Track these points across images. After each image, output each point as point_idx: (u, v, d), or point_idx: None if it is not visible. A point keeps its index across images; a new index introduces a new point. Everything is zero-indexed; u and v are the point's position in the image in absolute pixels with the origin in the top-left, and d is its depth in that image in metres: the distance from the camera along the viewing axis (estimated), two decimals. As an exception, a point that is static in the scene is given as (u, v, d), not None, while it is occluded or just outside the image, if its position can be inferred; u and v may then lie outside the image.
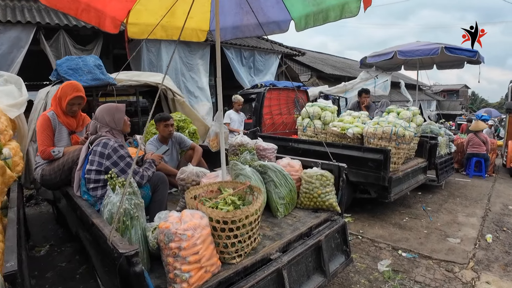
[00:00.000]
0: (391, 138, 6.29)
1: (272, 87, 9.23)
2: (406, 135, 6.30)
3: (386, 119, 6.51)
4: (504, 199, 8.61)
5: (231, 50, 14.10)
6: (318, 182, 4.39)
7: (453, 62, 10.46)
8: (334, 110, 7.69)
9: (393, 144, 6.32)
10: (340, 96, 11.38)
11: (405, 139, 6.30)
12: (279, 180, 4.39)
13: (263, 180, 4.43)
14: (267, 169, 4.44)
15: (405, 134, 6.28)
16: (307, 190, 4.47)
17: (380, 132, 6.35)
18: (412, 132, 6.46)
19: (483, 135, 10.99)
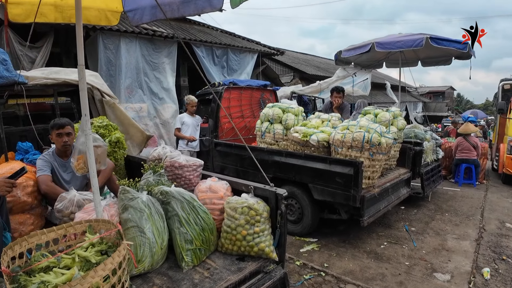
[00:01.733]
0: (363, 147, 4.76)
1: (231, 86, 7.68)
2: (383, 143, 4.77)
3: (357, 123, 4.97)
4: (499, 214, 7.13)
5: (201, 48, 12.57)
6: (243, 218, 2.90)
7: (439, 58, 8.96)
8: (299, 112, 6.16)
9: (366, 155, 4.79)
10: (316, 96, 9.87)
11: (381, 148, 4.77)
12: (186, 214, 2.90)
13: (165, 215, 2.91)
14: (171, 197, 2.95)
15: (381, 142, 4.75)
16: (228, 229, 2.99)
17: (349, 139, 4.82)
18: (390, 139, 4.93)
19: (474, 138, 9.50)
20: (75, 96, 6.26)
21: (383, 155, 4.87)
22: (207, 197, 3.37)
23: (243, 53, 13.71)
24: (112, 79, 10.81)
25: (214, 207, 3.30)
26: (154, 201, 2.96)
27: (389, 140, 4.84)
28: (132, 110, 11.02)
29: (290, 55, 23.22)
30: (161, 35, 11.31)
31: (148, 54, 11.41)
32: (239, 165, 6.66)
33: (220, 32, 15.00)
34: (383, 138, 4.79)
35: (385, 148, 4.80)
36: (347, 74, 9.01)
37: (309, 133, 5.29)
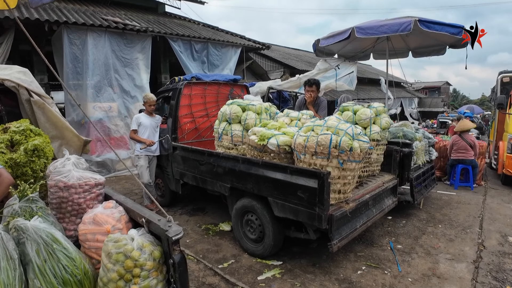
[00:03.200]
0: (330, 153, 3.62)
1: (193, 81, 6.55)
2: (355, 148, 3.65)
3: (324, 123, 3.84)
4: (501, 224, 6.02)
5: (178, 42, 11.45)
6: (115, 271, 1.78)
7: (432, 47, 7.80)
8: (261, 110, 5.04)
9: (334, 163, 3.67)
10: (297, 92, 8.72)
11: (353, 154, 3.64)
12: (41, 261, 1.84)
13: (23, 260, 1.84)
14: (26, 236, 1.86)
15: (353, 147, 3.62)
16: (100, 283, 1.89)
17: (313, 143, 3.70)
18: (366, 142, 3.78)
19: (471, 137, 8.36)
20: (1, 95, 5.14)
21: (357, 163, 3.74)
22: (90, 231, 2.33)
23: (225, 47, 12.60)
24: (79, 77, 9.75)
25: (98, 245, 2.23)
26: (7, 240, 1.90)
27: (364, 145, 3.71)
28: (101, 109, 9.95)
29: (281, 51, 22.06)
30: (132, 28, 10.17)
31: (119, 50, 10.33)
32: (197, 172, 5.59)
33: (202, 26, 13.86)
34: (356, 142, 3.66)
35: (358, 155, 3.67)
36: (329, 66, 7.86)
37: (266, 136, 4.17)
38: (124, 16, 11.75)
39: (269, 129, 4.41)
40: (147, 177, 6.36)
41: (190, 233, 5.77)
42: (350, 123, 4.09)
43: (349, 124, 3.76)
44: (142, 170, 6.37)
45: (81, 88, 9.80)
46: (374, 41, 7.31)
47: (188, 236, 5.63)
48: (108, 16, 10.89)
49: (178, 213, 6.73)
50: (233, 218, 5.07)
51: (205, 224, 6.07)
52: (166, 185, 6.73)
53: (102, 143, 9.81)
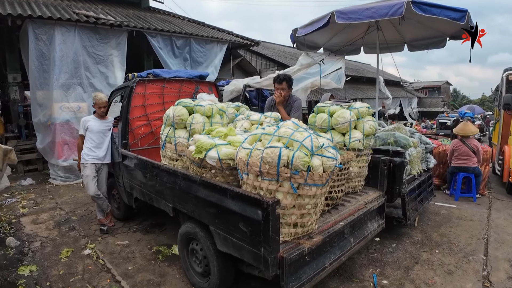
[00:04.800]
0: (279, 174, 2.44)
1: (149, 79, 5.43)
2: (316, 168, 2.50)
3: (274, 131, 2.66)
4: (509, 249, 4.94)
5: (157, 37, 10.33)
6: None
7: (430, 39, 6.60)
8: (212, 112, 3.88)
9: (286, 187, 2.50)
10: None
11: (313, 176, 2.47)
12: None
13: None
14: None
15: (312, 166, 2.44)
16: None
17: (256, 160, 2.54)
18: (332, 160, 2.59)
19: (473, 142, 7.16)
20: None
21: (319, 187, 2.56)
22: None
23: (209, 43, 11.46)
24: (46, 75, 8.71)
25: None
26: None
27: (328, 163, 2.55)
28: (69, 110, 8.87)
29: (276, 49, 20.87)
30: (105, 23, 9.06)
31: (91, 46, 9.24)
32: (143, 185, 4.49)
33: (187, 21, 12.72)
34: (317, 158, 2.51)
35: (320, 177, 2.51)
36: (312, 61, 6.69)
37: (205, 147, 3.02)
38: (101, 10, 10.65)
39: (213, 137, 3.25)
40: (93, 189, 5.28)
41: (137, 257, 4.68)
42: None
43: (308, 133, 2.58)
44: (87, 181, 5.29)
45: (47, 87, 8.74)
46: (363, 31, 6.14)
47: (133, 262, 4.54)
48: (81, 10, 9.79)
49: (132, 230, 5.65)
50: (178, 244, 3.97)
51: (158, 246, 4.98)
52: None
53: (70, 147, 8.71)
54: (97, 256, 4.74)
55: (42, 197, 7.64)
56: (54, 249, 4.99)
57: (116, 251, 4.90)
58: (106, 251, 4.92)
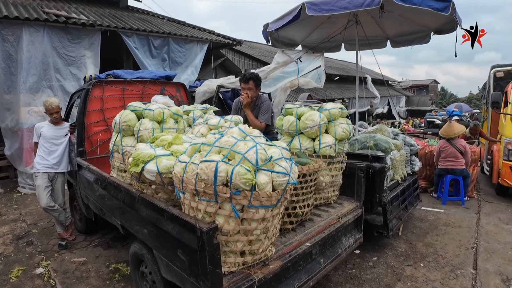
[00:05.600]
0: (217, 194, 1.89)
1: (107, 80, 4.89)
2: (262, 186, 1.97)
3: (216, 140, 2.12)
4: (500, 260, 4.41)
5: (133, 37, 9.74)
6: None
7: (414, 34, 6.11)
8: (162, 116, 3.33)
9: (227, 210, 1.95)
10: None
11: (259, 195, 1.94)
12: None
13: None
14: None
15: (257, 184, 1.89)
16: None
17: (191, 177, 1.97)
18: (283, 176, 2.04)
19: (461, 142, 6.68)
20: None
21: (269, 209, 2.03)
22: None
23: (189, 43, 10.88)
24: (13, 77, 8.11)
25: None
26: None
27: (278, 179, 2.02)
28: (37, 114, 8.26)
29: (262, 48, 20.33)
30: (76, 22, 8.45)
31: (61, 46, 8.62)
32: (95, 198, 3.96)
33: (166, 20, 12.13)
34: (263, 175, 1.97)
35: (269, 196, 1.96)
36: (289, 59, 6.16)
37: (142, 158, 2.47)
38: (74, 10, 10.04)
39: (157, 146, 2.71)
40: (45, 200, 4.73)
41: (91, 277, 4.15)
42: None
43: (254, 143, 2.04)
44: (39, 191, 4.76)
45: (15, 91, 8.13)
46: (342, 26, 5.62)
47: (85, 283, 4.02)
48: (52, 10, 9.18)
49: (93, 244, 5.10)
50: (130, 265, 3.44)
51: (117, 263, 4.45)
52: (83, 208, 5.12)
53: (40, 153, 8.09)
54: (48, 276, 4.23)
55: (7, 208, 7.05)
56: (6, 268, 4.46)
57: (71, 270, 4.37)
58: (60, 269, 4.39)
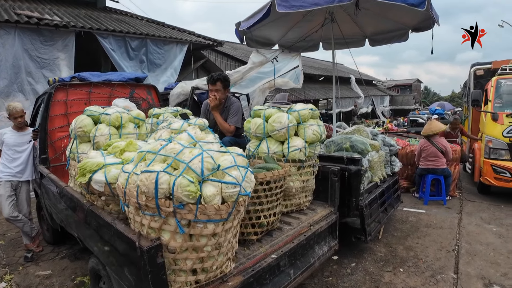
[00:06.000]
0: (160, 208, 1.65)
1: (72, 83, 4.63)
2: (209, 198, 1.75)
3: (162, 147, 1.87)
4: (482, 262, 4.26)
5: (109, 39, 9.41)
6: None
7: (392, 32, 5.97)
8: (120, 121, 3.08)
9: (173, 225, 1.71)
10: (234, 92, 6.76)
11: (205, 209, 1.71)
12: None
13: None
14: None
15: (204, 196, 1.66)
16: None
17: (133, 189, 1.73)
18: (233, 186, 1.81)
19: (441, 141, 6.55)
20: None
21: (219, 223, 1.79)
22: None
23: (168, 44, 10.61)
24: (-17, 82, 7.69)
25: None
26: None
27: (228, 190, 1.78)
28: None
29: (244, 49, 20.06)
30: (49, 24, 8.11)
31: (34, 49, 8.27)
32: (56, 209, 3.70)
33: (145, 21, 11.83)
34: (210, 186, 1.75)
35: (217, 210, 1.74)
36: (264, 59, 5.94)
37: (89, 168, 2.22)
38: (48, 11, 9.68)
39: (109, 153, 2.46)
40: (7, 210, 4.46)
41: (54, 292, 3.87)
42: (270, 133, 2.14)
43: (200, 150, 1.82)
44: (1, 201, 4.53)
45: (-16, 96, 7.78)
46: (318, 24, 5.43)
47: (47, 298, 3.71)
48: (24, 11, 8.83)
49: (60, 256, 4.82)
50: (90, 280, 3.18)
51: (83, 276, 4.21)
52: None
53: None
54: (10, 291, 3.94)
55: (-25, 218, 6.69)
56: (-34, 284, 4.15)
57: (34, 284, 4.10)
58: (23, 283, 4.12)
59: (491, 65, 8.56)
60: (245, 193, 1.82)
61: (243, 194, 1.81)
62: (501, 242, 4.85)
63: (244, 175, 1.86)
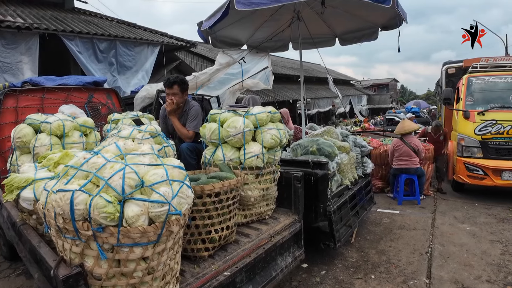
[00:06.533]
0: (78, 232, 1.42)
1: (22, 89, 4.32)
2: (132, 220, 1.54)
3: (88, 159, 1.64)
4: (456, 265, 4.16)
5: (75, 41, 9.02)
6: None
7: (362, 31, 5.84)
8: (62, 130, 2.83)
9: (95, 250, 1.47)
10: (203, 95, 6.48)
11: (128, 231, 1.50)
12: None
13: None
14: None
15: (126, 217, 1.45)
16: None
17: (51, 209, 1.49)
18: (161, 205, 1.58)
19: (414, 140, 6.46)
20: None
21: (148, 246, 1.57)
22: None
23: (138, 46, 10.28)
24: None
25: None
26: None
27: (154, 210, 1.55)
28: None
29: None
30: (10, 25, 7.71)
31: (-6, 52, 7.82)
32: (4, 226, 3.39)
33: (115, 22, 11.47)
34: (133, 205, 1.51)
35: (142, 233, 1.50)
36: (231, 60, 5.72)
37: (17, 184, 1.96)
38: (12, 12, 9.23)
39: (44, 166, 2.21)
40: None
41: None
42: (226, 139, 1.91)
43: (123, 165, 1.60)
44: None
45: None
46: (286, 22, 5.25)
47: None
48: (-15, 13, 8.40)
49: (16, 273, 4.48)
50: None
51: (37, 295, 3.83)
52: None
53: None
54: (-45, 317, 3.62)
55: None
56: None
57: (-16, 306, 3.78)
58: (-28, 306, 3.79)
59: (463, 63, 8.57)
60: (175, 212, 1.60)
61: (172, 213, 1.59)
62: (474, 242, 4.76)
63: (177, 191, 1.65)
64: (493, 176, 6.30)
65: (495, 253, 4.40)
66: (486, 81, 7.02)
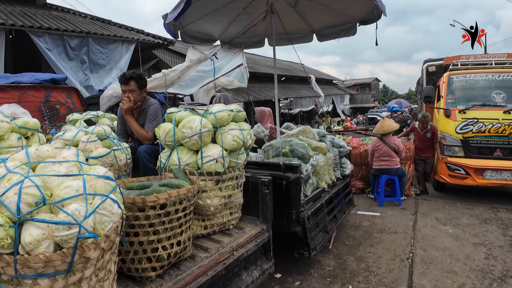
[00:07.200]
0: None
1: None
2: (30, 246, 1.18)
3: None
4: (438, 272, 3.93)
5: (44, 37, 8.55)
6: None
7: (340, 26, 5.56)
8: (9, 132, 2.44)
9: None
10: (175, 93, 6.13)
11: (28, 262, 1.12)
12: None
13: None
14: None
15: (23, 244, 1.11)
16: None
17: None
18: (68, 228, 1.24)
19: (394, 140, 6.22)
20: None
21: (55, 276, 1.23)
22: None
23: (112, 43, 9.84)
24: None
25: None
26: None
27: (59, 234, 1.20)
28: None
29: (202, 50, 19.39)
30: (-27, 22, 7.21)
31: (-43, 48, 7.31)
32: None
33: (89, 19, 10.98)
34: (33, 228, 1.16)
35: (46, 261, 1.16)
36: (202, 56, 5.38)
37: None
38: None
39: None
40: None
41: None
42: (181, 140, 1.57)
43: (22, 177, 1.25)
44: None
45: None
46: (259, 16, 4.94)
47: None
48: None
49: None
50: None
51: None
52: None
53: None
54: None
55: None
56: None
57: None
58: None
59: (443, 61, 8.40)
60: (89, 235, 1.27)
61: (83, 237, 1.25)
62: (457, 246, 4.53)
63: (94, 208, 1.31)
64: (475, 175, 6.12)
65: (479, 257, 4.17)
66: (467, 78, 6.84)
